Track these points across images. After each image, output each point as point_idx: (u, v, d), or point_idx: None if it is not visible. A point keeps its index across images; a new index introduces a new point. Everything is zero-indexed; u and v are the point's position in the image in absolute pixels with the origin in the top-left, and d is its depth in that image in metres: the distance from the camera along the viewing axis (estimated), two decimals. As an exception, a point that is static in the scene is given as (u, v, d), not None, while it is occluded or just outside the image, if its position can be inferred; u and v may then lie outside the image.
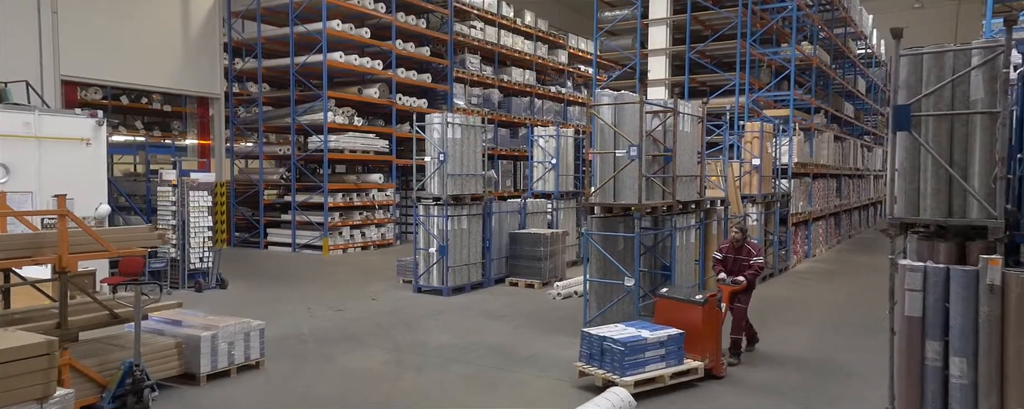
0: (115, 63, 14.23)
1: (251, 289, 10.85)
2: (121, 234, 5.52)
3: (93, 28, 13.79)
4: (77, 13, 13.51)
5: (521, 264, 11.15)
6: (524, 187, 21.45)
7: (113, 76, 14.43)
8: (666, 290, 6.76)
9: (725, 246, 7.25)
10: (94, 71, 13.99)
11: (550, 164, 13.12)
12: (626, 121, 7.54)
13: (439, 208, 10.26)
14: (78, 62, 13.54)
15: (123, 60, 14.36)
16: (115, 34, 14.20)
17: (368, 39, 16.06)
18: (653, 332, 5.98)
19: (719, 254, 7.23)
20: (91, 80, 14.42)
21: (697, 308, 6.25)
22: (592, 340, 5.94)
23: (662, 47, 14.77)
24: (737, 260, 7.06)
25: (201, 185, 10.58)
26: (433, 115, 10.37)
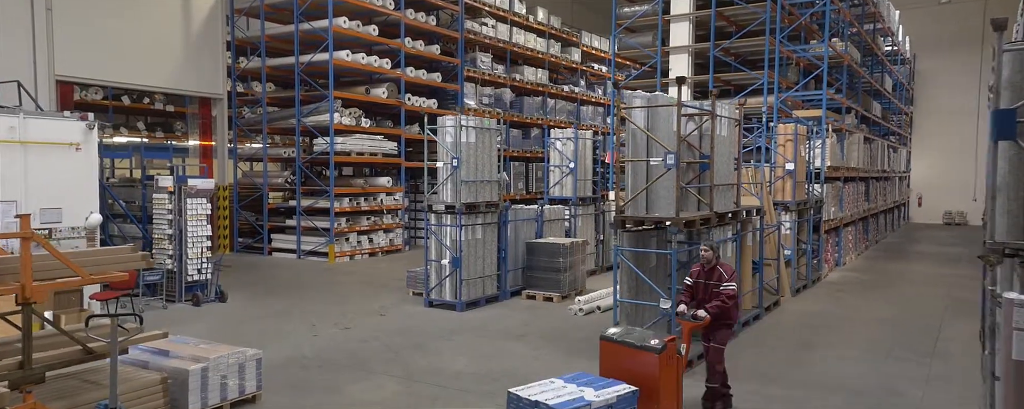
0: (113, 62, 13.63)
1: (252, 302, 10.22)
2: (98, 257, 4.87)
3: (89, 25, 13.20)
4: (72, 10, 12.92)
5: (539, 276, 10.47)
6: (536, 190, 20.78)
7: (111, 76, 13.83)
8: (615, 331, 5.43)
9: (695, 269, 5.96)
10: (91, 71, 13.39)
11: (568, 168, 12.43)
12: (660, 125, 6.84)
13: (452, 217, 9.59)
14: (74, 61, 12.94)
15: (121, 59, 13.76)
16: (113, 32, 13.61)
17: (376, 37, 15.41)
18: (599, 390, 4.68)
19: (689, 279, 5.97)
20: (87, 80, 13.83)
21: (652, 357, 4.98)
22: (521, 405, 4.57)
23: (684, 44, 14.04)
24: (707, 287, 5.83)
25: (199, 192, 9.95)
26: (446, 118, 9.70)
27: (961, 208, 26.96)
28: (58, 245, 8.73)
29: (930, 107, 28.03)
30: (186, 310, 9.56)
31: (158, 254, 9.96)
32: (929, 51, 27.62)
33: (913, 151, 27.85)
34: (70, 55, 12.86)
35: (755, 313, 8.88)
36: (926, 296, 11.09)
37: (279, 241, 15.64)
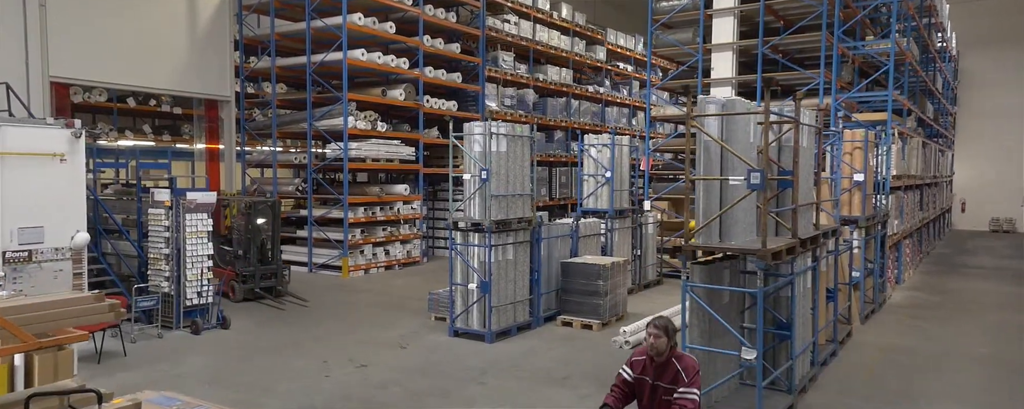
0: (112, 63, 12.70)
1: (258, 328, 9.20)
2: (49, 311, 3.84)
3: (87, 23, 12.27)
4: (68, 6, 11.99)
5: (575, 300, 9.38)
6: (560, 196, 19.68)
7: (109, 77, 12.90)
8: None
9: (638, 360, 4.24)
10: (88, 72, 12.46)
11: (603, 177, 11.31)
12: (737, 137, 5.72)
13: (480, 236, 8.52)
14: (69, 61, 12.02)
15: (121, 59, 12.83)
16: (112, 30, 12.67)
17: (393, 34, 14.37)
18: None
19: (628, 371, 4.26)
20: (84, 81, 12.90)
21: None
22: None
23: (728, 41, 12.87)
24: (657, 392, 4.12)
25: (200, 206, 8.95)
26: (473, 124, 8.63)
27: (1009, 215, 25.50)
28: (40, 269, 7.78)
29: (974, 107, 26.58)
30: (184, 339, 8.57)
31: (154, 276, 8.97)
32: (971, 48, 26.18)
33: (956, 153, 26.44)
34: (65, 55, 11.93)
35: (831, 349, 7.73)
36: (1014, 324, 9.86)
37: (289, 253, 14.62)
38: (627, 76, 24.05)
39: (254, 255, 10.77)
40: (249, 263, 10.72)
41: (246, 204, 10.94)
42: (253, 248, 10.77)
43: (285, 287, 10.99)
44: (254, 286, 10.60)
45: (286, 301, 10.74)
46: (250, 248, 10.75)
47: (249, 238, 10.75)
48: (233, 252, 10.91)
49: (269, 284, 10.81)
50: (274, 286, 10.87)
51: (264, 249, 10.98)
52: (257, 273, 10.68)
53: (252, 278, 10.64)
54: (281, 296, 10.85)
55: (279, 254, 11.23)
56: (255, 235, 10.81)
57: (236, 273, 10.71)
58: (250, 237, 10.76)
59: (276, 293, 10.84)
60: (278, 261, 11.10)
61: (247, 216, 10.80)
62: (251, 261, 10.73)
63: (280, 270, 11.03)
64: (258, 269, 10.71)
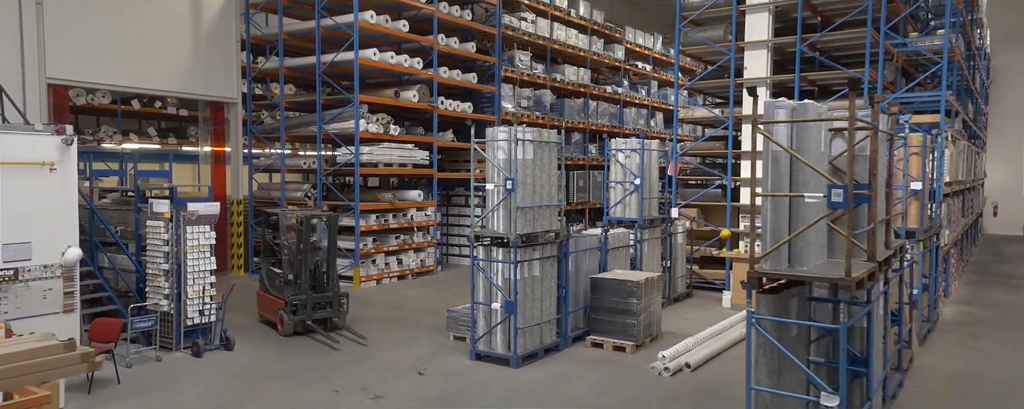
0: (112, 64, 12.08)
1: (264, 349, 8.54)
2: (10, 366, 3.17)
3: (86, 23, 11.67)
4: (66, 5, 11.39)
5: (605, 319, 8.65)
6: (577, 200, 18.95)
7: (109, 79, 12.29)
8: None
9: None
10: (87, 73, 11.85)
11: (632, 184, 10.58)
12: (809, 147, 4.99)
13: (505, 252, 7.81)
14: (68, 63, 11.41)
15: (122, 60, 12.21)
16: (112, 30, 12.07)
17: (406, 33, 13.70)
18: None
19: None
20: (83, 83, 12.31)
21: None
22: None
23: (763, 39, 12.10)
24: None
25: (202, 218, 8.30)
26: (497, 129, 7.92)
27: (1044, 219, 24.55)
28: (27, 289, 7.15)
29: (1005, 107, 25.61)
30: (184, 362, 7.92)
31: (152, 293, 8.32)
32: (1003, 45, 25.22)
33: (987, 155, 25.49)
34: (63, 56, 11.34)
35: (898, 380, 6.97)
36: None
37: (298, 262, 14.00)
38: (645, 76, 23.30)
39: (306, 280, 9.06)
40: (301, 290, 8.99)
41: (298, 219, 9.09)
42: (305, 271, 9.05)
43: (343, 319, 9.21)
44: (306, 318, 8.88)
45: (342, 335, 8.94)
46: (302, 271, 9.02)
47: (301, 259, 9.01)
48: (282, 276, 9.16)
49: (324, 315, 9.03)
50: (329, 318, 9.09)
51: (318, 273, 9.33)
52: (310, 302, 8.95)
53: (304, 308, 8.92)
54: (336, 330, 9.09)
55: (335, 279, 9.44)
56: (307, 256, 9.10)
57: (286, 302, 8.95)
58: (302, 258, 9.02)
59: (330, 325, 9.11)
60: (334, 287, 9.31)
61: (299, 233, 9.02)
62: (303, 287, 9.01)
63: (337, 298, 9.21)
64: (310, 297, 8.97)
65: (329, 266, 9.37)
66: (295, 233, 9.11)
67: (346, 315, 9.36)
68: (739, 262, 10.95)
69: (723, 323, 9.16)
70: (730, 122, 12.36)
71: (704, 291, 12.50)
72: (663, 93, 24.37)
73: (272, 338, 9.06)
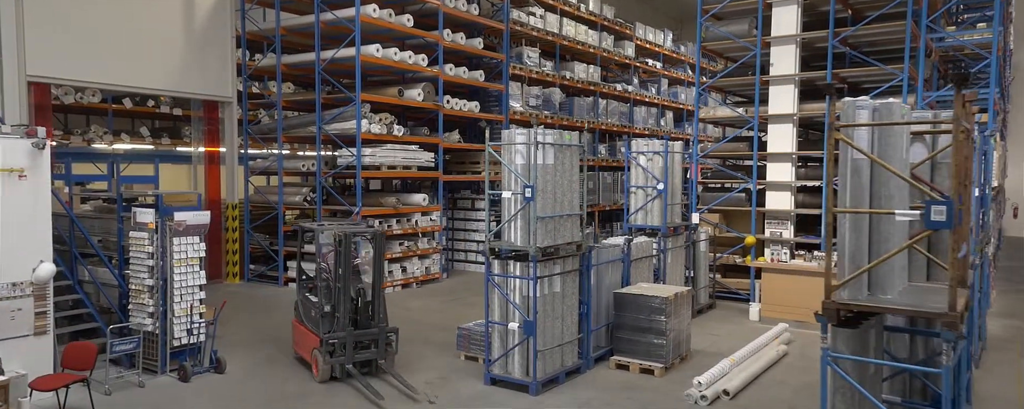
0: (98, 60, 11.35)
1: (257, 371, 7.82)
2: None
3: (70, 17, 10.93)
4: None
5: (630, 338, 7.93)
6: (587, 203, 18.19)
7: (95, 76, 11.56)
8: None
9: None
10: (71, 70, 11.11)
11: (654, 189, 9.85)
12: (893, 153, 4.26)
13: (523, 266, 7.09)
14: (50, 59, 10.68)
15: (108, 57, 11.48)
16: (98, 25, 11.33)
17: (410, 28, 12.96)
18: None
19: None
20: (67, 81, 11.58)
21: None
22: None
23: (791, 33, 11.37)
24: None
25: (190, 229, 7.57)
26: (514, 131, 7.19)
27: (1065, 221, 23.82)
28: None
29: None
30: (169, 387, 7.20)
31: (135, 311, 7.60)
32: (1021, 41, 24.46)
33: (1008, 155, 24.76)
34: (45, 52, 10.60)
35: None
36: None
37: (296, 270, 13.26)
38: (656, 73, 22.56)
39: (346, 313, 7.29)
40: (339, 325, 7.24)
41: (336, 236, 7.39)
42: (345, 302, 7.28)
43: (391, 362, 7.52)
44: (344, 360, 7.19)
45: (387, 380, 7.31)
46: (341, 302, 7.26)
47: (340, 288, 7.27)
48: (318, 307, 7.43)
49: (367, 357, 7.35)
50: (374, 359, 7.43)
51: (361, 304, 7.48)
52: (350, 341, 7.18)
53: (343, 348, 7.17)
54: (381, 374, 7.46)
55: (383, 311, 7.54)
56: (347, 283, 7.32)
57: (322, 339, 7.22)
58: (341, 286, 7.27)
59: (375, 368, 7.49)
60: (381, 321, 7.46)
61: (337, 254, 7.35)
62: (342, 322, 7.24)
63: (384, 336, 7.42)
64: (351, 335, 7.19)
65: (375, 295, 7.50)
66: (333, 253, 7.42)
67: (395, 356, 7.67)
68: (769, 272, 10.22)
69: (758, 341, 8.43)
70: (755, 122, 11.63)
71: (728, 301, 11.79)
72: (673, 91, 23.62)
73: (265, 359, 8.34)
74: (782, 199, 11.59)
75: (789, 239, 11.51)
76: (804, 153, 11.51)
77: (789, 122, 11.47)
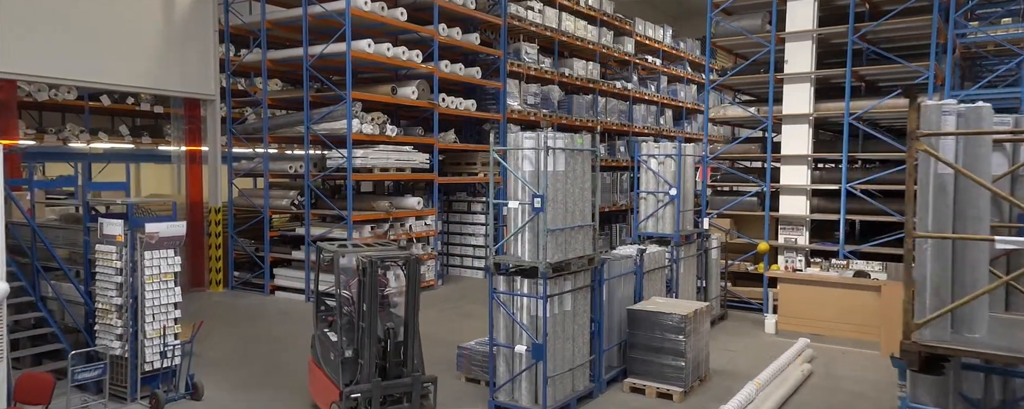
0: (68, 56, 10.58)
1: (238, 398, 7.13)
2: None
3: (35, 10, 10.16)
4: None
5: (645, 359, 7.31)
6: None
7: (64, 73, 10.79)
8: None
9: None
10: (38, 66, 10.34)
11: (667, 195, 9.23)
12: (981, 165, 3.64)
13: (531, 284, 6.44)
14: (15, 55, 9.91)
15: (80, 52, 10.72)
16: (68, 18, 10.56)
17: (404, 22, 12.26)
18: None
19: None
20: (33, 78, 10.79)
21: None
22: None
23: (807, 28, 10.77)
24: None
25: (164, 241, 6.87)
26: (522, 134, 6.53)
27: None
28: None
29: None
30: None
31: (103, 333, 6.89)
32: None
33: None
34: (11, 47, 9.83)
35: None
36: None
37: (284, 277, 12.59)
38: (655, 70, 21.94)
39: (372, 358, 5.87)
40: (364, 374, 5.83)
41: (361, 262, 5.89)
42: (371, 346, 5.86)
43: None
44: None
45: None
46: (366, 346, 5.86)
47: (365, 328, 5.88)
48: (338, 349, 6.04)
49: None
50: None
51: (391, 347, 6.02)
52: (376, 393, 5.76)
53: (368, 404, 5.77)
54: None
55: (418, 354, 6.13)
56: (374, 321, 5.89)
57: (341, 392, 5.83)
58: (367, 326, 5.86)
59: None
60: (416, 368, 6.06)
61: (363, 285, 5.88)
62: (367, 370, 5.82)
63: (419, 387, 6.02)
64: (378, 387, 5.78)
65: (409, 336, 6.07)
66: (357, 283, 5.98)
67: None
68: (786, 283, 9.63)
69: (781, 361, 7.83)
70: (769, 122, 11.03)
71: (739, 311, 11.20)
72: (673, 89, 23.03)
73: (248, 382, 7.65)
74: (797, 203, 11.01)
75: (804, 246, 10.93)
76: (821, 155, 10.93)
77: (805, 122, 10.88)
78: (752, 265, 11.47)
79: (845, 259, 10.21)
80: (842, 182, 10.43)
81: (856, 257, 10.27)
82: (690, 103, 23.85)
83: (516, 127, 15.49)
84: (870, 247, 10.16)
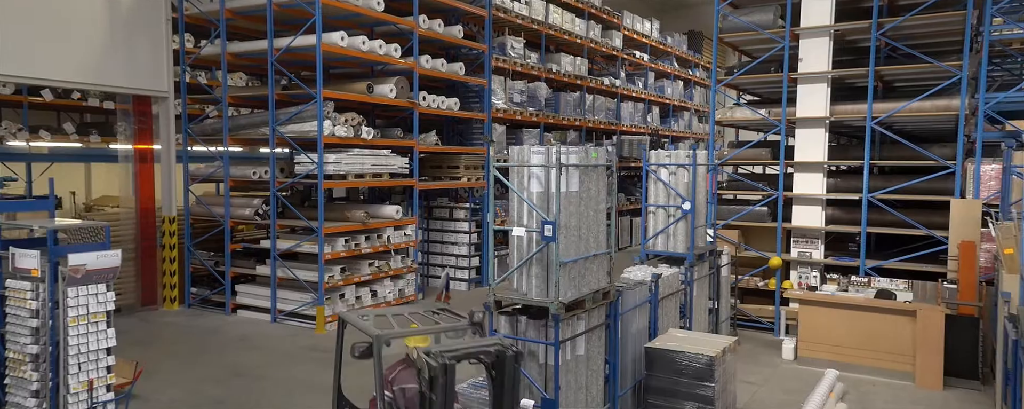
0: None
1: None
2: None
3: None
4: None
5: (665, 405, 6.32)
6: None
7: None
8: None
9: None
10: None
11: (680, 209, 8.25)
12: None
13: (537, 326, 5.41)
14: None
15: (10, 43, 9.34)
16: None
17: (380, 13, 11.07)
18: None
19: None
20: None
21: None
22: None
23: (824, 24, 9.88)
24: None
25: (93, 275, 5.65)
26: (530, 148, 5.47)
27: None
28: None
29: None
30: (63, 493, 5.32)
31: (15, 388, 5.66)
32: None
33: None
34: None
35: None
36: None
37: (247, 295, 11.35)
38: (641, 66, 21.04)
39: None
40: None
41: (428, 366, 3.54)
42: None
43: None
44: None
45: None
46: None
47: None
48: None
49: None
50: None
51: None
52: None
53: None
54: None
55: None
56: None
57: None
58: None
59: None
60: None
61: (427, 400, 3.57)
62: None
63: None
64: None
65: None
66: (416, 385, 3.76)
67: None
68: (808, 305, 8.75)
69: (814, 401, 6.91)
70: (783, 125, 10.14)
71: (749, 331, 10.33)
72: (659, 85, 22.17)
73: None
74: (811, 214, 10.15)
75: (819, 260, 10.09)
76: (840, 162, 10.07)
77: (821, 126, 10.01)
78: (762, 281, 10.60)
79: (866, 276, 9.38)
80: (863, 191, 9.59)
81: (878, 274, 9.44)
82: (677, 100, 23.03)
83: (500, 127, 14.44)
84: (896, 262, 9.34)
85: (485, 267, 13.91)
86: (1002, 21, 10.26)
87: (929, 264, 9.35)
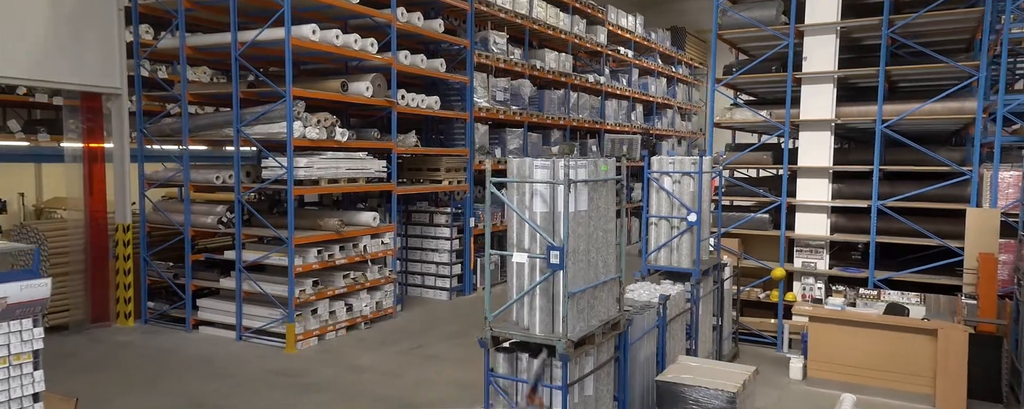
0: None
1: None
2: None
3: None
4: None
5: (682, 443, 5.66)
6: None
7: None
8: None
9: None
10: None
11: (685, 221, 7.60)
12: None
13: (543, 365, 4.69)
14: None
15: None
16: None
17: (355, 5, 10.22)
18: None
19: None
20: None
21: None
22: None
23: (830, 21, 9.31)
24: None
25: (15, 309, 4.78)
26: (532, 161, 4.74)
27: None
28: None
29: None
30: None
31: (-79, 445, 4.78)
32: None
33: None
34: None
35: None
36: None
37: (209, 310, 10.44)
38: (626, 62, 20.41)
39: None
40: None
41: None
42: None
43: None
44: None
45: None
46: None
47: None
48: None
49: None
50: None
51: None
52: None
53: None
54: None
55: None
56: None
57: None
58: None
59: None
60: None
61: None
62: None
63: None
64: None
65: None
66: None
67: None
68: (818, 322, 8.18)
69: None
70: (787, 128, 9.56)
71: (750, 345, 9.77)
72: (643, 82, 21.59)
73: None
74: (816, 223, 9.61)
75: (824, 271, 9.55)
76: (847, 168, 9.53)
77: (826, 129, 9.46)
78: (763, 292, 10.03)
79: (875, 289, 8.85)
80: (873, 198, 9.05)
81: (887, 286, 8.92)
82: (660, 98, 22.49)
83: (483, 126, 13.69)
84: (910, 274, 8.83)
85: (466, 275, 13.17)
86: (1013, 18, 9.80)
87: (940, 276, 8.86)
